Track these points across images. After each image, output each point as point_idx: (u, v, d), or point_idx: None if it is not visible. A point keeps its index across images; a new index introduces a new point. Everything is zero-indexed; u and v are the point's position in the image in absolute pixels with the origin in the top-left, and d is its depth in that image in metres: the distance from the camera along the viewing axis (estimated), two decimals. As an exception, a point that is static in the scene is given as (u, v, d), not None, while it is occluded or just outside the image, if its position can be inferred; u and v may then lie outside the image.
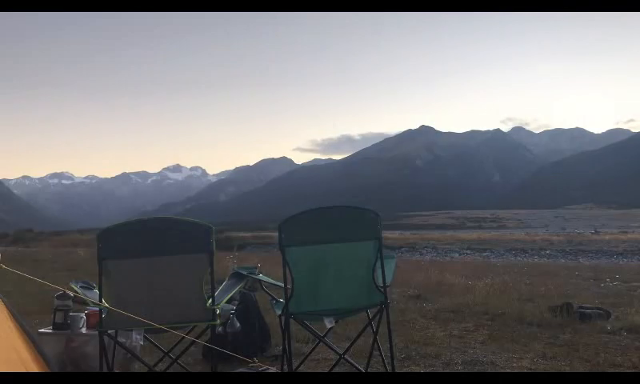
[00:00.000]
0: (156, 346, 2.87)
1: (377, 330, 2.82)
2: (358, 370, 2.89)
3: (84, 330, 3.28)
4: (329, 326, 2.79)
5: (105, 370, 2.58)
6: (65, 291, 3.18)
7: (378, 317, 2.77)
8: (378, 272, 2.76)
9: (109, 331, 2.61)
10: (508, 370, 3.43)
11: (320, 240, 2.78)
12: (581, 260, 19.65)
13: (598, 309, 5.09)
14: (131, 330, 2.58)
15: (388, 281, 2.79)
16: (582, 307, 5.14)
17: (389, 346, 2.75)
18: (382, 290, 2.73)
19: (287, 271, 2.72)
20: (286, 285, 2.72)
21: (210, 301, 2.63)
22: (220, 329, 3.22)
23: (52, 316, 3.35)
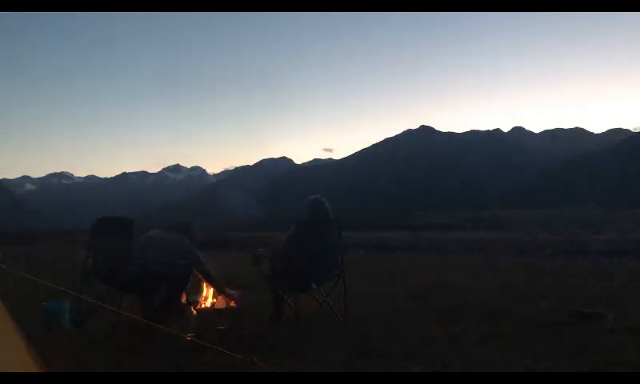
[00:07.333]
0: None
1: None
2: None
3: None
4: None
5: None
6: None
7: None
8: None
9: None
10: (508, 370, 3.44)
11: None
12: (581, 260, 19.61)
13: (597, 309, 5.09)
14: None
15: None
16: (582, 307, 5.14)
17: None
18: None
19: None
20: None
21: None
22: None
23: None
